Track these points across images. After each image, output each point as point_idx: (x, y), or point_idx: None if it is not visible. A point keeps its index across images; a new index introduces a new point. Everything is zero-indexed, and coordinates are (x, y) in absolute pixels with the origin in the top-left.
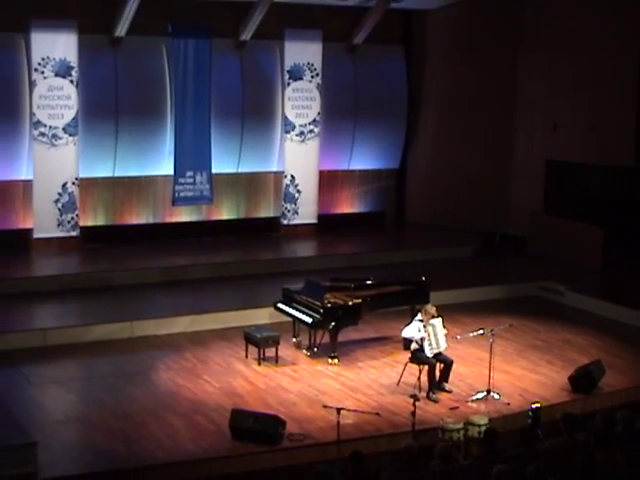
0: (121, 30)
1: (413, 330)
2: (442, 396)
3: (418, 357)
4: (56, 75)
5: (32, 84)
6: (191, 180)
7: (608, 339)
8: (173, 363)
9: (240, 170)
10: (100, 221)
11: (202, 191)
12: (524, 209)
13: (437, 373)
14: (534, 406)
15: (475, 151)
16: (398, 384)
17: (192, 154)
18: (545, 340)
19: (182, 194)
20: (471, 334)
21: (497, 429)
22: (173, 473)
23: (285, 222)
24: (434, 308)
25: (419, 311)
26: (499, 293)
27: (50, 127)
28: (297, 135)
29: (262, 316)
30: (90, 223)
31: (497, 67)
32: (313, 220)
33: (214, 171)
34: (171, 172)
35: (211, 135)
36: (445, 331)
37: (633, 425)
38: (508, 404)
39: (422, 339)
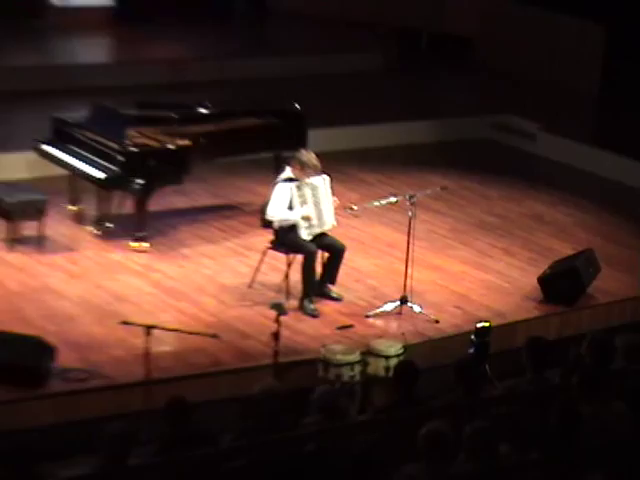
0: None
1: (283, 202)
2: (325, 306)
3: (286, 240)
4: None
5: None
6: None
7: (605, 214)
8: None
9: None
10: None
11: None
12: None
13: (318, 268)
14: (480, 325)
15: None
16: (251, 286)
17: None
18: (501, 215)
19: None
20: (377, 203)
21: (417, 363)
22: None
23: (56, 2)
24: (314, 157)
25: (288, 163)
26: (427, 133)
27: None
28: None
29: (15, 166)
30: None
31: None
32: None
33: None
34: None
35: None
36: (334, 198)
37: None
38: (437, 322)
39: (306, 219)
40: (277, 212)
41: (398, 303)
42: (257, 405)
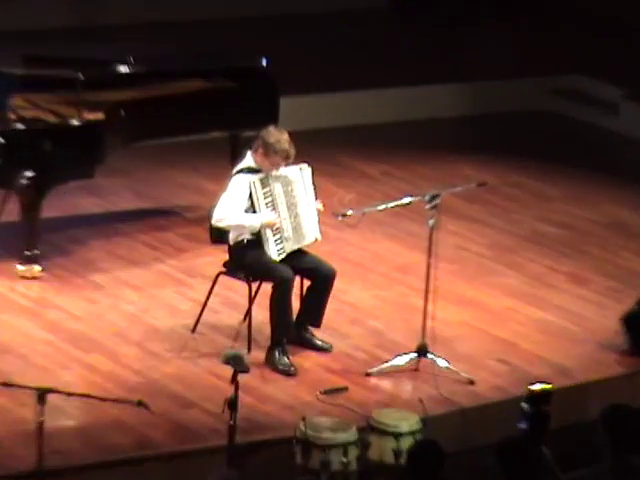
0: None
1: (237, 202)
2: (305, 360)
3: (248, 262)
4: None
5: None
6: None
7: None
8: None
9: None
10: None
11: None
12: None
13: (295, 303)
14: (535, 388)
15: None
16: (194, 330)
17: None
18: (566, 224)
19: None
20: (382, 206)
21: (441, 444)
22: None
23: None
24: (287, 139)
25: (250, 147)
26: (452, 104)
27: None
28: None
29: None
30: None
31: None
32: None
33: None
34: None
35: None
36: (318, 204)
37: None
38: (471, 383)
39: (274, 228)
40: (226, 214)
41: (414, 355)
42: None
